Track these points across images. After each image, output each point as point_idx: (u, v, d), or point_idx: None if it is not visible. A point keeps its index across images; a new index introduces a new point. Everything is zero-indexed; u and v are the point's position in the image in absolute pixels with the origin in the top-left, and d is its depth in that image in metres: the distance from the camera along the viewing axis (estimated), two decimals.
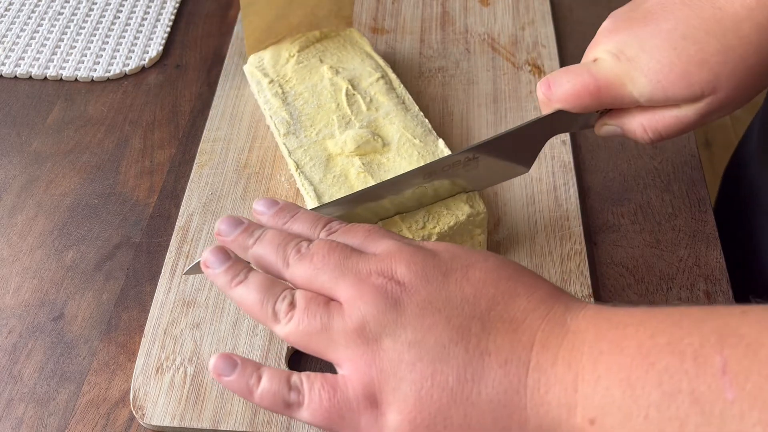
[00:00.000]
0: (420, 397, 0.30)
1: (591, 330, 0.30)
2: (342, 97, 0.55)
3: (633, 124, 0.44)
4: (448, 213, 0.47)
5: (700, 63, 0.40)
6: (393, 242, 0.35)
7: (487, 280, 0.32)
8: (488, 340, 0.30)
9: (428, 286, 0.32)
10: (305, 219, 0.38)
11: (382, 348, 0.31)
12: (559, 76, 0.44)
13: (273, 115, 0.55)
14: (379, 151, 0.52)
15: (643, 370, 0.27)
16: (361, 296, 0.32)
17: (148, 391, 0.45)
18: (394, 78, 0.58)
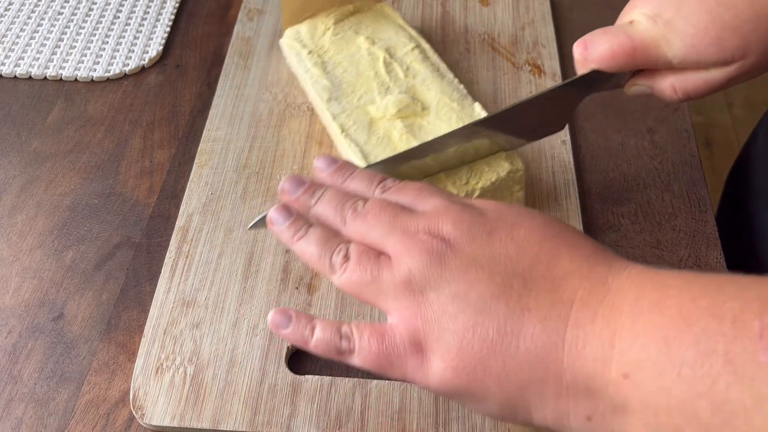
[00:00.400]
0: (462, 346, 0.32)
1: (632, 289, 0.31)
2: (380, 66, 0.57)
3: (664, 84, 0.45)
4: (489, 170, 0.50)
5: (733, 29, 0.41)
6: (441, 200, 0.36)
7: (531, 239, 0.34)
8: (529, 297, 0.32)
9: (473, 244, 0.33)
10: (362, 177, 0.41)
11: (428, 300, 0.33)
12: (597, 37, 0.45)
13: (314, 83, 0.57)
14: (419, 114, 0.54)
15: (681, 330, 0.28)
16: (408, 251, 0.34)
17: (148, 391, 0.45)
18: (428, 48, 0.60)
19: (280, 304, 0.49)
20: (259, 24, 0.69)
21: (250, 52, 0.66)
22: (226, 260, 0.51)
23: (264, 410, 0.44)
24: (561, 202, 0.54)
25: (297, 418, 0.44)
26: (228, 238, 0.53)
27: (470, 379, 0.32)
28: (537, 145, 0.58)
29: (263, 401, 0.45)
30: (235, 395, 0.45)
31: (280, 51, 0.66)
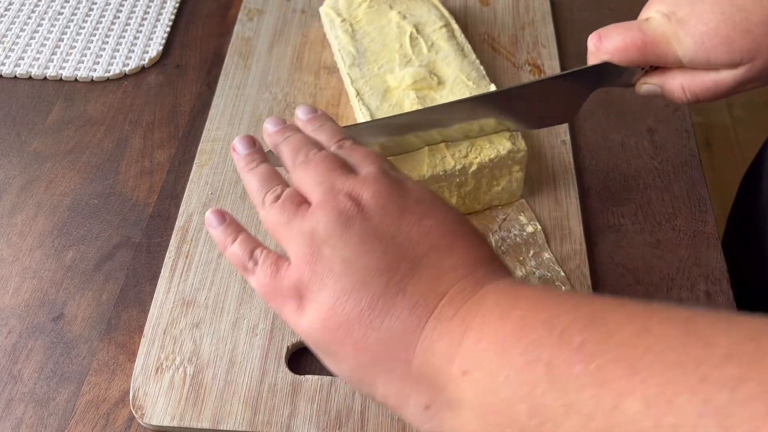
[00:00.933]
0: (334, 305, 0.34)
1: (494, 296, 0.33)
2: (406, 39, 0.59)
3: (673, 84, 0.46)
4: (490, 146, 0.51)
5: (744, 31, 0.42)
6: (378, 170, 0.38)
7: (436, 230, 0.35)
8: (409, 282, 0.34)
9: (382, 217, 0.35)
10: (329, 130, 0.43)
11: (321, 254, 0.35)
12: (611, 30, 0.46)
13: (341, 48, 0.60)
14: (434, 88, 0.56)
15: (517, 339, 0.30)
16: (323, 206, 0.36)
17: (148, 391, 0.45)
18: (456, 28, 0.62)
19: None
20: (259, 24, 0.69)
21: (250, 52, 0.66)
22: (225, 260, 0.51)
23: (264, 410, 0.44)
24: (561, 202, 0.54)
25: (297, 418, 0.44)
26: None
27: (332, 337, 0.34)
28: (537, 145, 0.58)
29: (263, 401, 0.45)
30: (235, 395, 0.45)
31: (280, 51, 0.66)
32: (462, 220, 0.37)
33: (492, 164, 0.51)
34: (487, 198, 0.53)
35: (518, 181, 0.53)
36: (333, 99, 0.62)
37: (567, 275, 0.50)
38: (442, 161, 0.50)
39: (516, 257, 0.51)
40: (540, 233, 0.52)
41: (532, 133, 0.59)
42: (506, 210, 0.54)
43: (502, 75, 0.64)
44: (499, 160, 0.51)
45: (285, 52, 0.66)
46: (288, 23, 0.69)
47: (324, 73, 0.64)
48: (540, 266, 0.50)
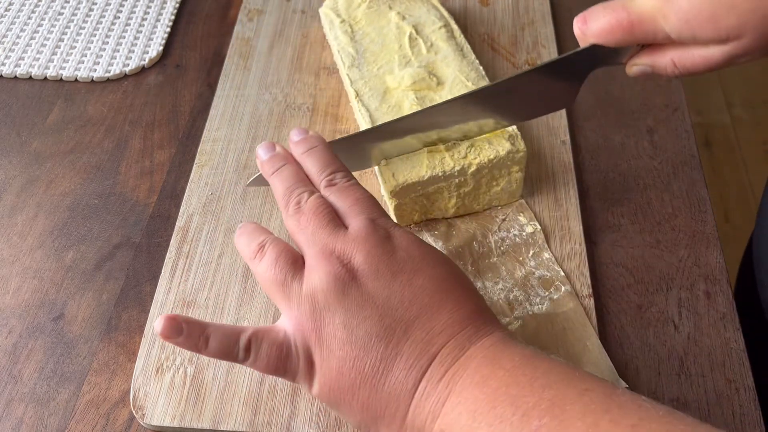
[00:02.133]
0: (341, 372, 0.37)
1: (477, 360, 0.36)
2: (405, 40, 0.60)
3: (664, 59, 0.46)
4: (489, 147, 0.51)
5: (728, 8, 0.41)
6: (366, 223, 0.40)
7: (426, 289, 0.38)
8: (405, 344, 0.36)
9: (375, 282, 0.38)
10: (317, 158, 0.44)
11: (324, 321, 0.37)
12: (595, 12, 0.45)
13: (340, 49, 0.60)
14: (433, 88, 0.56)
15: (487, 410, 0.34)
16: (317, 270, 0.38)
17: (148, 392, 0.45)
18: (455, 28, 0.62)
19: None
20: (259, 24, 0.69)
21: (250, 52, 0.66)
22: (226, 260, 0.52)
23: (264, 410, 0.44)
24: (561, 202, 0.54)
25: (297, 419, 0.44)
26: (228, 238, 0.53)
27: (340, 399, 0.37)
28: (536, 145, 0.58)
29: (263, 401, 0.45)
30: (235, 395, 0.45)
31: (280, 51, 0.66)
32: (449, 273, 0.39)
33: (491, 165, 0.51)
34: (486, 198, 0.53)
35: (518, 181, 0.53)
36: (333, 99, 0.62)
37: (567, 275, 0.50)
38: (441, 162, 0.50)
39: (516, 257, 0.51)
40: (539, 233, 0.52)
41: (532, 133, 0.59)
42: (506, 210, 0.54)
43: (502, 75, 0.64)
44: (499, 160, 0.51)
45: (285, 52, 0.66)
46: (288, 23, 0.69)
47: (324, 73, 0.64)
48: (540, 266, 0.50)
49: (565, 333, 0.47)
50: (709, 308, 0.50)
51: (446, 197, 0.52)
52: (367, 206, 0.41)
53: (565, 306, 0.48)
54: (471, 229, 0.53)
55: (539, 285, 0.49)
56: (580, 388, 0.33)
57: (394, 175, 0.50)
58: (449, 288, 0.38)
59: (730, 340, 0.48)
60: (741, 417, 0.45)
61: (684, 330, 0.49)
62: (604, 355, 0.46)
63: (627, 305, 0.50)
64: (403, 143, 0.50)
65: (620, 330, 0.49)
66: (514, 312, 0.48)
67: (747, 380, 0.46)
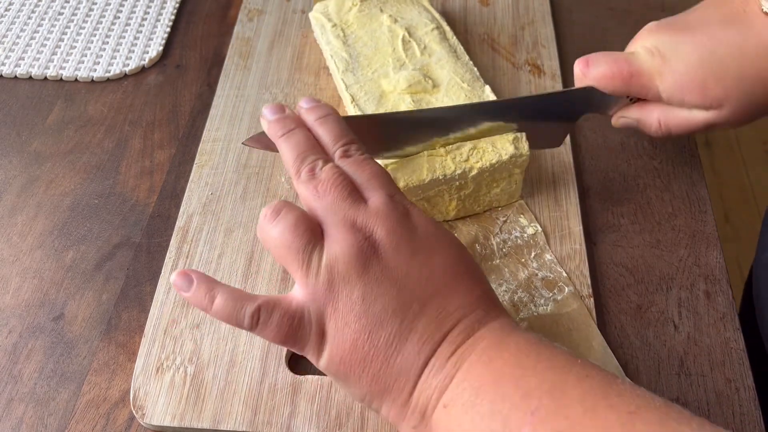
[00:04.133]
0: (355, 344, 0.37)
1: (486, 340, 0.37)
2: (398, 43, 0.59)
3: (651, 117, 0.50)
4: (492, 150, 0.51)
5: (717, 79, 0.46)
6: (386, 199, 0.39)
7: (443, 269, 0.38)
8: (419, 321, 0.37)
9: (396, 258, 0.38)
10: (331, 127, 0.43)
11: (342, 292, 0.37)
12: (599, 58, 0.49)
13: (334, 54, 0.59)
14: (429, 91, 0.56)
15: (490, 388, 0.35)
16: (339, 241, 0.38)
17: (148, 391, 0.45)
18: (448, 30, 0.62)
19: None
20: (259, 24, 0.69)
21: (250, 52, 0.66)
22: (226, 260, 0.52)
23: (264, 410, 0.44)
24: (561, 202, 0.54)
25: (297, 418, 0.44)
26: (228, 238, 0.53)
27: (351, 371, 0.37)
28: None
29: (263, 401, 0.45)
30: (236, 395, 0.45)
31: (280, 51, 0.66)
32: (463, 254, 0.40)
33: (493, 168, 0.51)
34: (486, 200, 0.53)
35: (518, 182, 0.53)
36: (333, 100, 0.62)
37: (567, 275, 0.50)
38: (442, 165, 0.50)
39: (518, 259, 0.51)
40: (540, 234, 0.52)
41: None
42: (506, 212, 0.54)
43: (501, 75, 0.64)
44: (501, 164, 0.51)
45: (285, 52, 0.66)
46: (288, 23, 0.69)
47: (324, 73, 0.64)
48: (542, 267, 0.50)
49: (570, 333, 0.47)
50: (709, 308, 0.50)
51: (447, 200, 0.52)
52: (385, 182, 0.41)
53: (569, 306, 0.48)
54: (472, 231, 0.53)
55: (543, 286, 0.49)
56: (581, 374, 0.34)
57: (394, 179, 0.50)
58: (462, 271, 0.39)
59: (730, 340, 0.48)
60: (741, 417, 0.45)
61: (684, 330, 0.49)
62: (610, 354, 0.46)
63: (627, 305, 0.50)
64: (402, 148, 0.50)
65: (620, 330, 0.49)
66: (519, 314, 0.48)
67: (747, 380, 0.46)
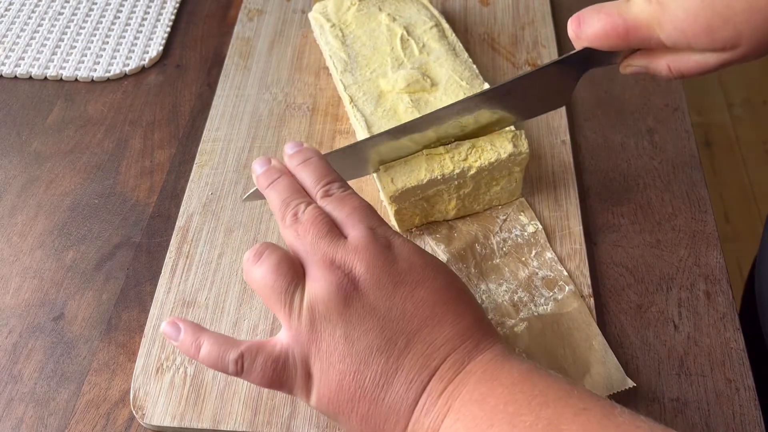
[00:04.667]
0: (341, 385, 0.36)
1: (476, 376, 0.36)
2: (397, 42, 0.59)
3: (659, 64, 0.45)
4: (491, 149, 0.50)
5: (724, 18, 0.41)
6: (366, 232, 0.39)
7: (428, 301, 0.37)
8: (405, 358, 0.36)
9: (377, 293, 0.37)
10: (312, 169, 0.43)
11: (324, 332, 0.37)
12: (590, 15, 0.45)
13: (332, 54, 0.59)
14: (428, 90, 0.56)
15: (485, 428, 0.34)
16: (319, 280, 0.37)
17: (148, 391, 0.45)
18: (446, 27, 0.61)
19: None
20: (259, 24, 0.69)
21: (250, 52, 0.66)
22: (226, 260, 0.52)
23: (264, 410, 0.44)
24: (561, 202, 0.54)
25: (297, 418, 0.44)
26: (228, 238, 0.53)
27: (339, 411, 0.37)
28: (537, 145, 0.58)
29: (263, 401, 0.45)
30: (236, 395, 0.45)
31: (280, 51, 0.66)
32: (450, 283, 0.39)
33: (492, 167, 0.50)
34: (486, 198, 0.53)
35: (518, 180, 0.53)
36: (333, 99, 0.62)
37: (569, 274, 0.50)
38: (440, 165, 0.50)
39: (518, 258, 0.51)
40: (541, 232, 0.52)
41: (532, 133, 0.59)
42: (506, 210, 0.54)
43: (501, 75, 0.64)
44: (500, 163, 0.50)
45: (285, 52, 0.66)
46: (288, 23, 0.69)
47: (324, 73, 0.64)
48: (543, 266, 0.50)
49: (571, 333, 0.47)
50: (709, 308, 0.50)
51: (446, 199, 0.52)
52: (366, 215, 0.41)
53: (570, 306, 0.48)
54: (472, 231, 0.53)
55: (543, 285, 0.49)
56: (577, 407, 0.33)
57: (392, 180, 0.49)
58: (450, 299, 0.38)
59: (730, 340, 0.48)
60: (741, 417, 0.45)
61: (684, 330, 0.49)
62: (610, 354, 0.46)
63: (627, 305, 0.50)
64: (400, 146, 0.49)
65: (620, 330, 0.49)
66: (519, 313, 0.48)
67: (747, 380, 0.46)
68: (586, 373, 0.45)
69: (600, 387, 0.45)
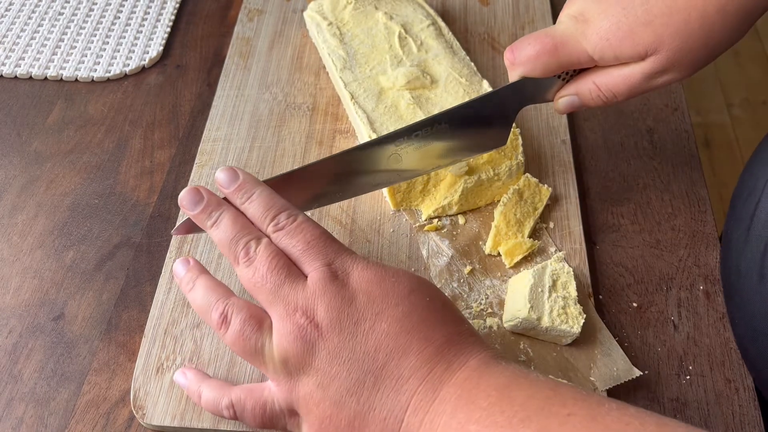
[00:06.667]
0: (322, 426, 0.38)
1: (451, 404, 0.35)
2: (395, 40, 0.60)
3: (587, 85, 0.47)
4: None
5: (645, 23, 0.43)
6: (322, 273, 0.39)
7: (390, 333, 0.37)
8: (376, 396, 0.36)
9: (340, 335, 0.37)
10: (260, 203, 0.42)
11: (300, 382, 0.38)
12: (522, 42, 0.47)
13: (331, 53, 0.60)
14: (428, 87, 0.56)
15: None
16: (285, 334, 0.38)
17: (149, 391, 0.45)
18: (443, 26, 0.62)
19: None
20: (259, 24, 0.69)
21: (250, 52, 0.66)
22: (226, 260, 0.52)
23: None
24: (561, 202, 0.54)
25: None
26: None
27: None
28: (537, 146, 0.58)
29: None
30: None
31: (280, 51, 0.66)
32: (413, 304, 0.38)
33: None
34: (488, 194, 0.53)
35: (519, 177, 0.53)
36: (333, 99, 0.62)
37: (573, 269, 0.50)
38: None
39: None
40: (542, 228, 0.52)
41: (532, 133, 0.59)
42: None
43: (502, 74, 0.64)
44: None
45: (285, 52, 0.66)
46: (288, 23, 0.69)
47: (324, 73, 0.64)
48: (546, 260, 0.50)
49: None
50: (708, 308, 0.50)
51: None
52: (321, 248, 0.40)
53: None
54: (475, 226, 0.53)
55: None
56: (561, 415, 0.32)
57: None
58: (414, 325, 0.38)
59: (729, 340, 0.48)
60: (741, 417, 0.45)
61: (683, 330, 0.49)
62: (615, 345, 0.46)
63: (627, 305, 0.50)
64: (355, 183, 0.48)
65: (620, 330, 0.49)
66: None
67: (747, 380, 0.46)
68: (592, 365, 0.45)
69: (606, 378, 0.45)
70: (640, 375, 0.45)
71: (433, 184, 0.53)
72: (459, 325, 0.39)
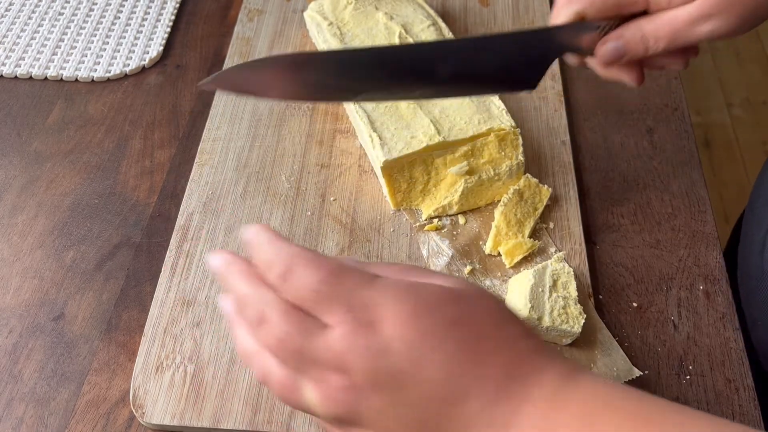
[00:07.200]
0: None
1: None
2: (395, 40, 0.60)
3: (631, 30, 0.46)
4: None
5: None
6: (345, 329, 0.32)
7: (437, 380, 0.32)
8: None
9: (381, 393, 0.32)
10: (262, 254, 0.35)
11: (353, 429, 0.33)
12: None
13: None
14: None
15: None
16: (327, 402, 0.33)
17: (148, 390, 0.45)
18: (443, 26, 0.62)
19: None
20: (259, 24, 0.69)
21: (250, 52, 0.66)
22: None
23: (264, 409, 0.44)
24: (561, 202, 0.54)
25: (297, 417, 0.44)
26: (228, 237, 0.53)
27: None
28: (537, 146, 0.58)
29: (263, 400, 0.45)
30: (236, 394, 0.45)
31: (280, 51, 0.66)
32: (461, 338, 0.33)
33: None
34: (488, 194, 0.54)
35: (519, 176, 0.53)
36: None
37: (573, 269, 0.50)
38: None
39: None
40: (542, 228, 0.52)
41: (532, 134, 0.59)
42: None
43: None
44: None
45: (285, 51, 0.66)
46: (288, 23, 0.69)
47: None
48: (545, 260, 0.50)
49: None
50: (708, 308, 0.50)
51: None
52: (333, 292, 0.33)
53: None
54: (476, 226, 0.53)
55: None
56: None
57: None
58: (467, 363, 0.32)
59: (729, 340, 0.48)
60: (741, 417, 0.45)
61: (684, 330, 0.49)
62: (615, 345, 0.46)
63: (627, 305, 0.50)
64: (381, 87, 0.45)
65: (620, 330, 0.49)
66: None
67: (747, 380, 0.46)
68: (592, 365, 0.45)
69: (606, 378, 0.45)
70: (640, 375, 0.45)
71: (433, 183, 0.53)
72: (518, 341, 0.33)
